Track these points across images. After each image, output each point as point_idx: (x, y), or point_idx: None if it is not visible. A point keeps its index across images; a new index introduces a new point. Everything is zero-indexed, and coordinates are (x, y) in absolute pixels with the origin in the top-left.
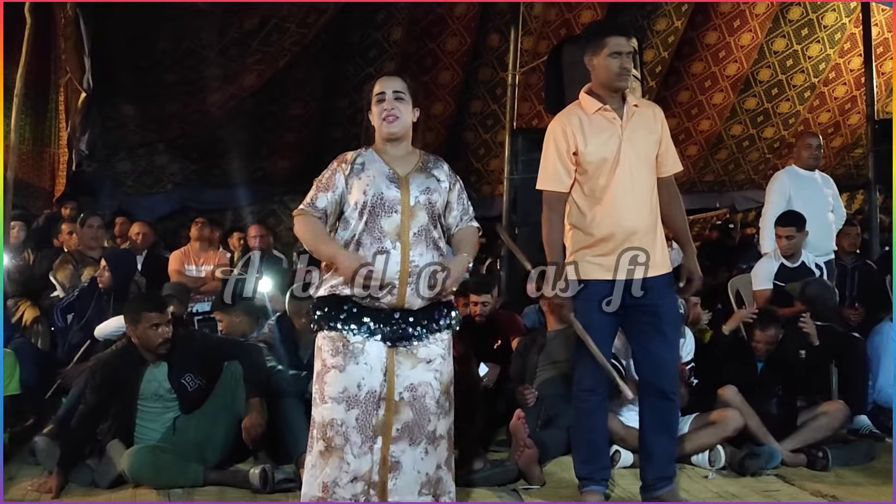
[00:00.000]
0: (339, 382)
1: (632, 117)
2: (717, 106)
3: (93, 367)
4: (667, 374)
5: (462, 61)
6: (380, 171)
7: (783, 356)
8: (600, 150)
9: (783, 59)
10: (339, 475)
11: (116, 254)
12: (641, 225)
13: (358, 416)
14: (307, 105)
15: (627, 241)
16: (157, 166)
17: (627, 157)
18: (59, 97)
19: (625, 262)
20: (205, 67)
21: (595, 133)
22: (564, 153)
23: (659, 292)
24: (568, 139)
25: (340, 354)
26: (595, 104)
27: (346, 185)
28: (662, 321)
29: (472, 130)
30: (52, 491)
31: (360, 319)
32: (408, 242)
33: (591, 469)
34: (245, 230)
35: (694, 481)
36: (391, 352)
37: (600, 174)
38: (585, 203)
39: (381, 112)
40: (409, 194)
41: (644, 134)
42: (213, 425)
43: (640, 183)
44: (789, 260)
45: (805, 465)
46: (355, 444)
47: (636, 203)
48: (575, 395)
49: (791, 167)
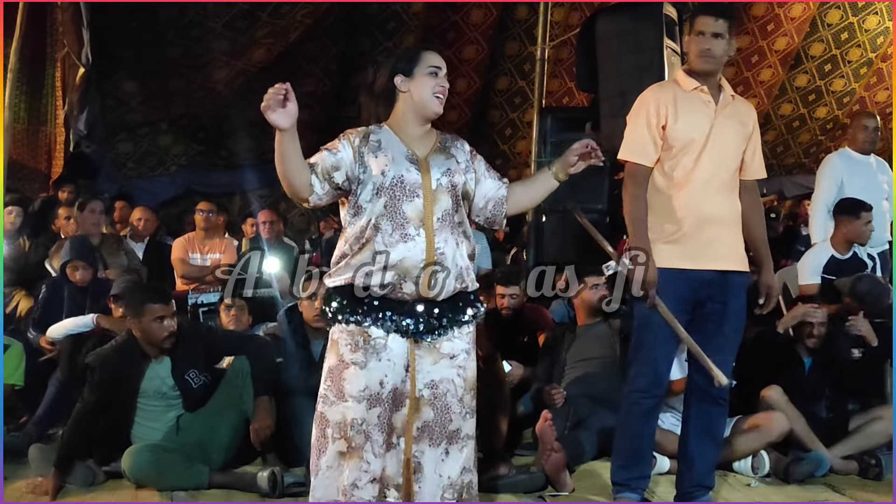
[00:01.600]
0: (360, 380)
1: (726, 107)
2: (765, 83)
3: (91, 364)
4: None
5: (487, 34)
6: (398, 152)
7: (833, 355)
8: (690, 130)
9: (837, 33)
10: (359, 475)
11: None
12: (722, 214)
13: (380, 415)
14: (321, 81)
15: (703, 230)
16: (160, 147)
17: (716, 144)
18: (55, 73)
19: (699, 250)
20: (211, 40)
21: (687, 112)
22: (655, 125)
23: (731, 290)
24: (659, 111)
25: (361, 350)
26: (692, 83)
27: (353, 154)
28: (726, 322)
29: (498, 109)
30: (48, 492)
31: (383, 312)
32: (432, 228)
33: (630, 476)
34: (256, 215)
35: (736, 489)
36: (413, 346)
37: (685, 155)
38: (664, 184)
39: (434, 87)
40: (430, 177)
41: (736, 126)
42: (219, 424)
43: (724, 172)
44: (841, 252)
45: (857, 473)
46: (376, 444)
47: (718, 191)
48: (626, 395)
49: (844, 150)
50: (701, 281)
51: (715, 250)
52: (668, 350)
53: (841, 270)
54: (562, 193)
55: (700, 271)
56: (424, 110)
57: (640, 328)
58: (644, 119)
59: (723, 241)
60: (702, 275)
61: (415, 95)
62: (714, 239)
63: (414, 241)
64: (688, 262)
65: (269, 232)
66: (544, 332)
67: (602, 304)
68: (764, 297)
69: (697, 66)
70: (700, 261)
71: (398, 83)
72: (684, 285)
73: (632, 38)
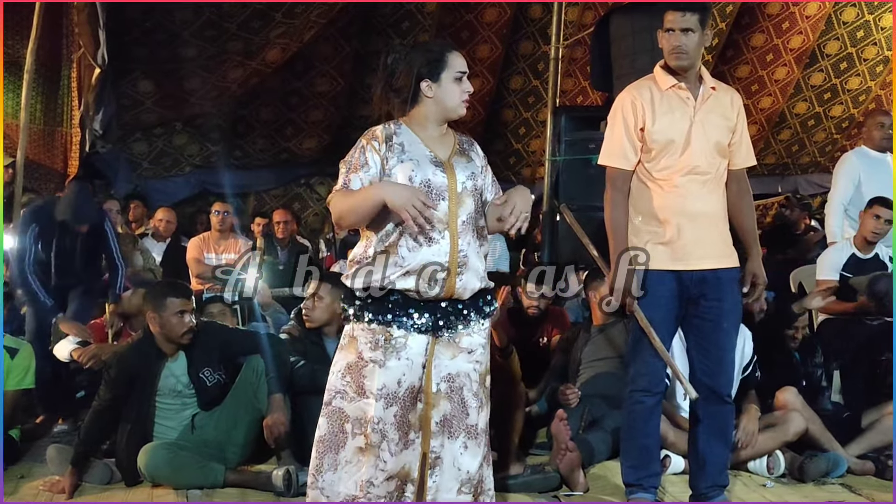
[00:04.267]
0: (379, 378)
1: (707, 100)
2: (780, 82)
3: (108, 362)
4: (724, 376)
5: (501, 34)
6: (422, 155)
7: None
8: (668, 131)
9: (853, 31)
10: (375, 473)
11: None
12: (709, 211)
13: (396, 413)
14: (335, 81)
15: (691, 229)
16: (174, 147)
17: (698, 141)
18: (71, 73)
19: (687, 250)
20: (225, 41)
21: (665, 111)
22: (632, 128)
23: (724, 287)
24: (637, 113)
25: (381, 349)
26: (669, 80)
27: (381, 164)
28: (724, 319)
29: (512, 108)
30: (64, 491)
31: (406, 311)
32: (456, 231)
33: (640, 476)
34: (269, 215)
35: (751, 490)
36: (433, 341)
37: (664, 156)
38: (649, 184)
39: (461, 93)
40: (455, 180)
41: (717, 119)
42: (234, 423)
43: (709, 168)
44: (863, 251)
45: (873, 473)
46: (392, 442)
47: (704, 188)
48: (628, 395)
49: (861, 148)
50: (692, 280)
51: (704, 249)
52: (666, 348)
53: (861, 270)
54: (576, 192)
55: (691, 271)
56: (449, 115)
57: (638, 329)
58: (621, 122)
59: (711, 238)
60: (693, 274)
61: (441, 102)
62: (702, 238)
63: (438, 244)
64: (678, 263)
65: (283, 231)
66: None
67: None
68: (749, 285)
69: (672, 64)
70: (690, 261)
71: (424, 88)
72: (676, 285)
73: (646, 37)
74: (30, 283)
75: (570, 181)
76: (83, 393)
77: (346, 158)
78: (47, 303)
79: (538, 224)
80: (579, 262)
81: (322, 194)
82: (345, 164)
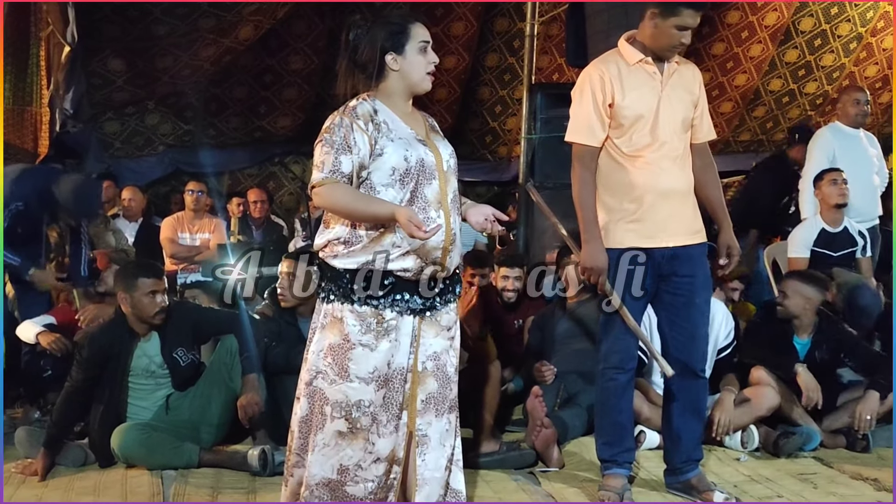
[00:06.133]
0: (370, 362)
1: (672, 75)
2: (755, 59)
3: (80, 342)
4: (698, 351)
5: (476, 11)
6: (406, 133)
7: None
8: (637, 105)
9: (827, 7)
10: (364, 457)
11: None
12: (679, 187)
13: (386, 395)
14: (309, 59)
15: (663, 206)
16: (147, 126)
17: (665, 116)
18: (40, 52)
19: (659, 227)
20: (198, 18)
21: (634, 86)
22: (600, 104)
23: (695, 262)
24: (605, 88)
25: (373, 332)
26: (637, 55)
27: (371, 145)
28: (696, 294)
29: (488, 86)
30: (37, 473)
31: (401, 294)
32: (448, 209)
33: (615, 452)
34: (244, 195)
35: (725, 464)
36: (419, 321)
37: (636, 131)
38: (618, 162)
39: (427, 65)
40: (441, 158)
41: (682, 94)
42: (208, 403)
43: (677, 143)
44: (832, 224)
45: (844, 446)
46: (381, 424)
47: (674, 164)
48: (601, 372)
49: (835, 124)
50: (664, 257)
51: (675, 226)
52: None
53: (831, 244)
54: (552, 169)
55: (663, 248)
56: (415, 89)
57: (609, 306)
58: (590, 97)
59: (682, 214)
60: (664, 251)
61: (407, 75)
62: (673, 214)
63: (436, 223)
64: (649, 240)
65: (259, 211)
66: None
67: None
68: (724, 257)
69: (666, 55)
70: (661, 238)
71: (389, 62)
72: (647, 263)
73: (621, 12)
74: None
75: (546, 159)
76: (49, 372)
77: (326, 137)
78: (15, 262)
79: (513, 202)
80: (554, 241)
81: (297, 173)
82: (328, 143)
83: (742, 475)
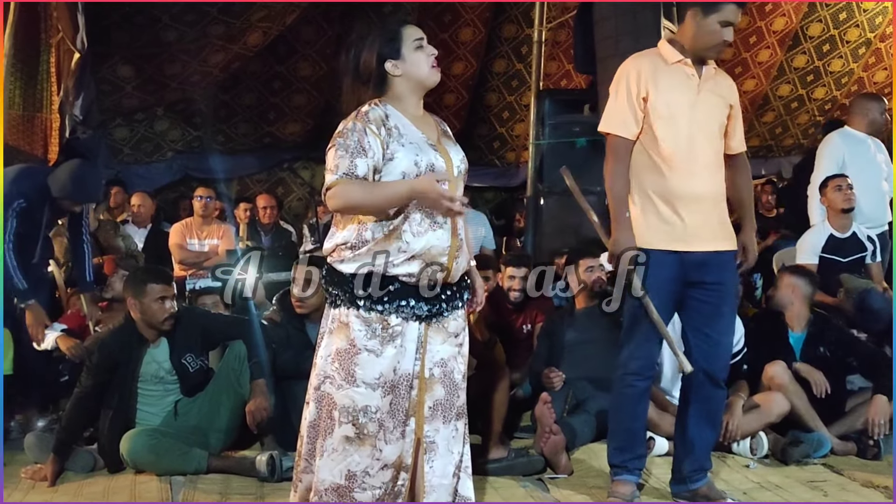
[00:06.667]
0: (375, 367)
1: (709, 80)
2: (763, 64)
3: (89, 348)
4: (720, 360)
5: (484, 17)
6: (418, 137)
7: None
8: (672, 104)
9: (835, 13)
10: (371, 463)
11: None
12: (710, 192)
13: (392, 401)
14: (317, 65)
15: (694, 210)
16: (156, 133)
17: (700, 118)
18: (50, 58)
19: (690, 232)
20: (206, 24)
21: (669, 85)
22: (634, 97)
23: (723, 269)
24: (640, 82)
25: (378, 338)
26: (676, 55)
27: (384, 149)
28: (724, 303)
29: (496, 92)
30: (47, 479)
31: (406, 300)
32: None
33: (626, 458)
34: (252, 200)
35: (734, 471)
36: (426, 328)
37: (668, 129)
38: (653, 161)
39: (427, 58)
40: (451, 163)
41: (717, 100)
42: (217, 409)
43: (710, 148)
44: (840, 230)
45: (855, 453)
46: (388, 430)
47: (706, 169)
48: (619, 378)
49: (845, 129)
50: (693, 262)
51: (706, 231)
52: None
53: (840, 249)
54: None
55: (693, 253)
56: (425, 83)
57: (633, 311)
58: (625, 89)
59: (713, 220)
60: (694, 256)
61: (411, 75)
62: (705, 220)
63: (442, 228)
64: (679, 243)
65: (268, 217)
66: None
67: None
68: (741, 254)
69: (711, 55)
70: (692, 243)
71: (390, 69)
72: (676, 266)
73: (629, 19)
74: (6, 260)
75: (554, 165)
76: (67, 378)
77: (339, 141)
78: (20, 285)
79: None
80: (562, 247)
81: (305, 179)
82: (342, 147)
83: (751, 482)
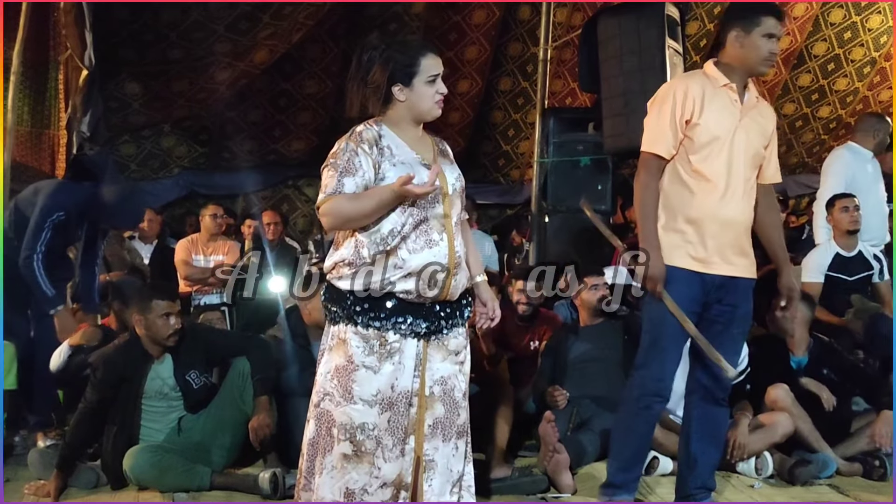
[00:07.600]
0: (373, 384)
1: (751, 108)
2: (768, 83)
3: (94, 364)
4: (724, 380)
5: (490, 35)
6: (411, 157)
7: (830, 356)
8: (715, 128)
9: (840, 32)
10: (370, 481)
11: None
12: (740, 219)
13: (390, 419)
14: (323, 83)
15: (721, 233)
16: (163, 149)
17: (739, 144)
18: (58, 75)
19: (714, 253)
20: (213, 42)
21: (716, 108)
22: (678, 119)
23: (740, 293)
24: (686, 105)
25: (376, 354)
26: (723, 78)
27: (375, 169)
28: (734, 325)
29: (501, 110)
30: (50, 494)
31: (403, 317)
32: (451, 233)
33: (628, 478)
34: (257, 217)
35: (739, 491)
36: (424, 345)
37: (708, 152)
38: (683, 181)
39: (434, 95)
40: (446, 182)
41: (758, 128)
42: (220, 426)
43: (745, 175)
44: (846, 249)
45: (861, 474)
46: (387, 448)
47: (737, 194)
48: (636, 398)
49: (851, 144)
50: (712, 284)
51: (729, 256)
52: (678, 353)
53: (846, 268)
54: (564, 193)
55: (714, 275)
56: (423, 117)
57: (653, 332)
58: (669, 109)
59: (737, 246)
60: (714, 278)
61: (413, 106)
62: (730, 244)
63: (438, 246)
64: (701, 265)
65: (273, 233)
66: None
67: (602, 305)
68: (786, 300)
69: (760, 70)
70: (713, 265)
71: (396, 92)
72: (696, 286)
73: (634, 38)
74: (34, 270)
75: (558, 183)
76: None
77: (331, 161)
78: (48, 292)
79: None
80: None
81: (310, 196)
82: (332, 167)
83: (757, 503)
